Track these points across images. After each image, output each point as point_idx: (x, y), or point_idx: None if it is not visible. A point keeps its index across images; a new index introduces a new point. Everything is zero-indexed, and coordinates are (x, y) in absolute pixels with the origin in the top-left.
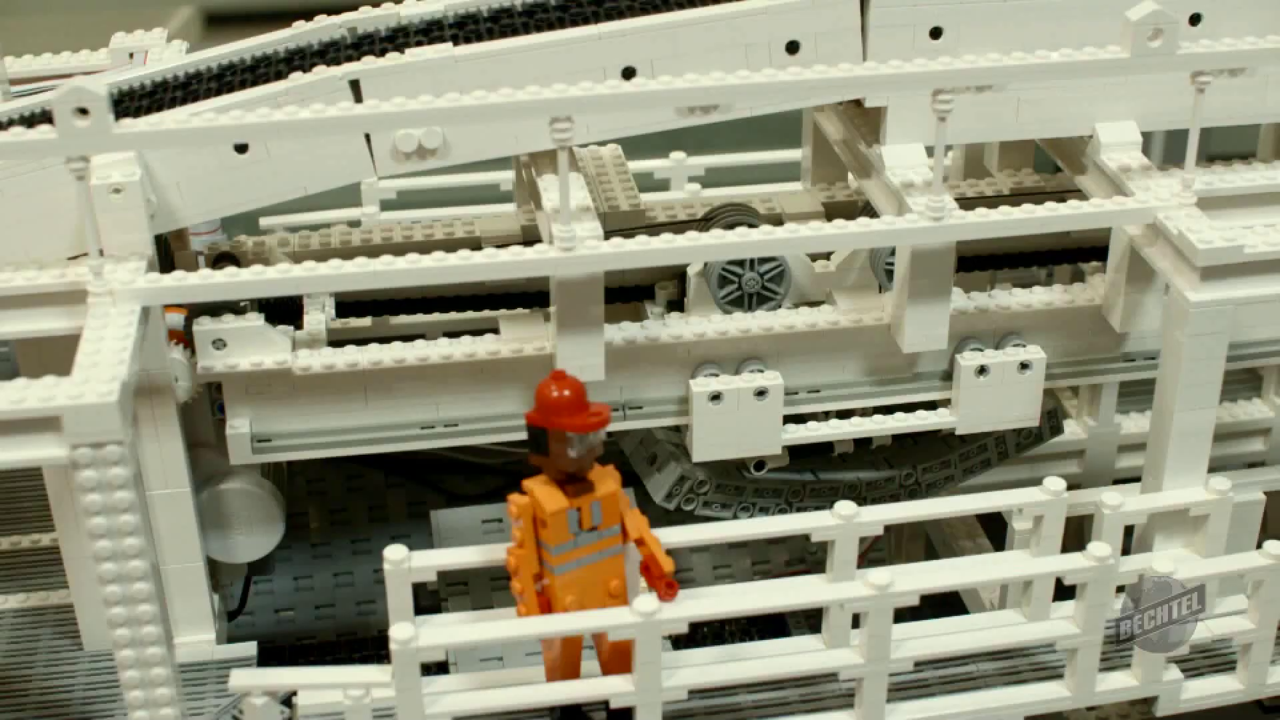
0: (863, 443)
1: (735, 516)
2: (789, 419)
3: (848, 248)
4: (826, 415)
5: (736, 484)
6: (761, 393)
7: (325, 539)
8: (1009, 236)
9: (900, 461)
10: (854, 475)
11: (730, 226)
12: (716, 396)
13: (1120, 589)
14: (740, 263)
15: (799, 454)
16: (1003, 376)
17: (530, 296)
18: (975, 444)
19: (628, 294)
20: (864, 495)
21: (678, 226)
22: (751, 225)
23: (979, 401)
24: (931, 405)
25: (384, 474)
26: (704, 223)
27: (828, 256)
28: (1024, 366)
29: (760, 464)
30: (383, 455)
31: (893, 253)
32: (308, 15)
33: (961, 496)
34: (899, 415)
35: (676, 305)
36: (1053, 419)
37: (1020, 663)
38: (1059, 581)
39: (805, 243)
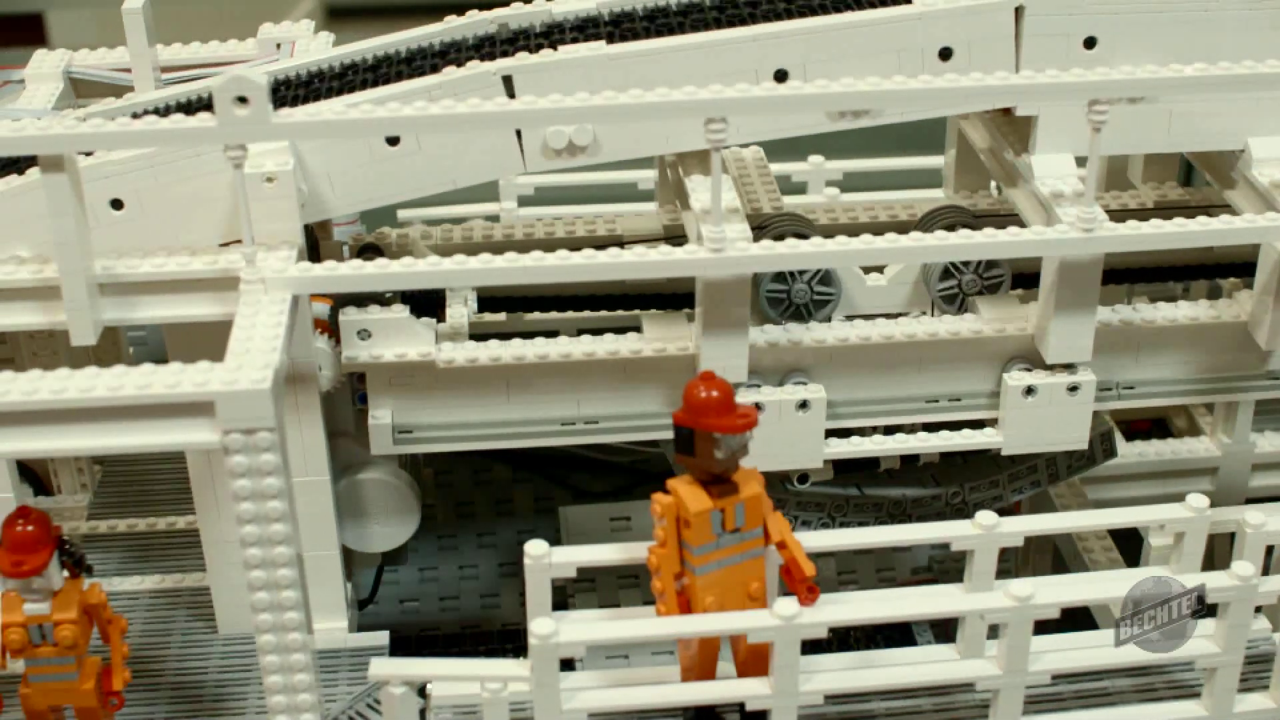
0: (910, 459)
1: None
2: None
3: (1002, 256)
4: (872, 430)
5: (779, 496)
6: (804, 405)
7: (451, 531)
8: (1150, 250)
9: (947, 480)
10: (900, 492)
11: (780, 237)
12: (758, 408)
13: (1258, 609)
14: (782, 278)
15: (843, 468)
16: (1051, 397)
17: (667, 298)
18: (1025, 464)
19: (680, 301)
20: (909, 512)
21: None
22: (803, 236)
23: (1026, 422)
24: (979, 424)
25: (511, 468)
26: (756, 232)
27: (880, 270)
28: (1073, 389)
29: (804, 477)
30: (512, 450)
31: (943, 273)
32: (439, 10)
33: (1104, 510)
34: (943, 433)
35: None
36: (1106, 441)
37: (1156, 680)
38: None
39: (969, 249)
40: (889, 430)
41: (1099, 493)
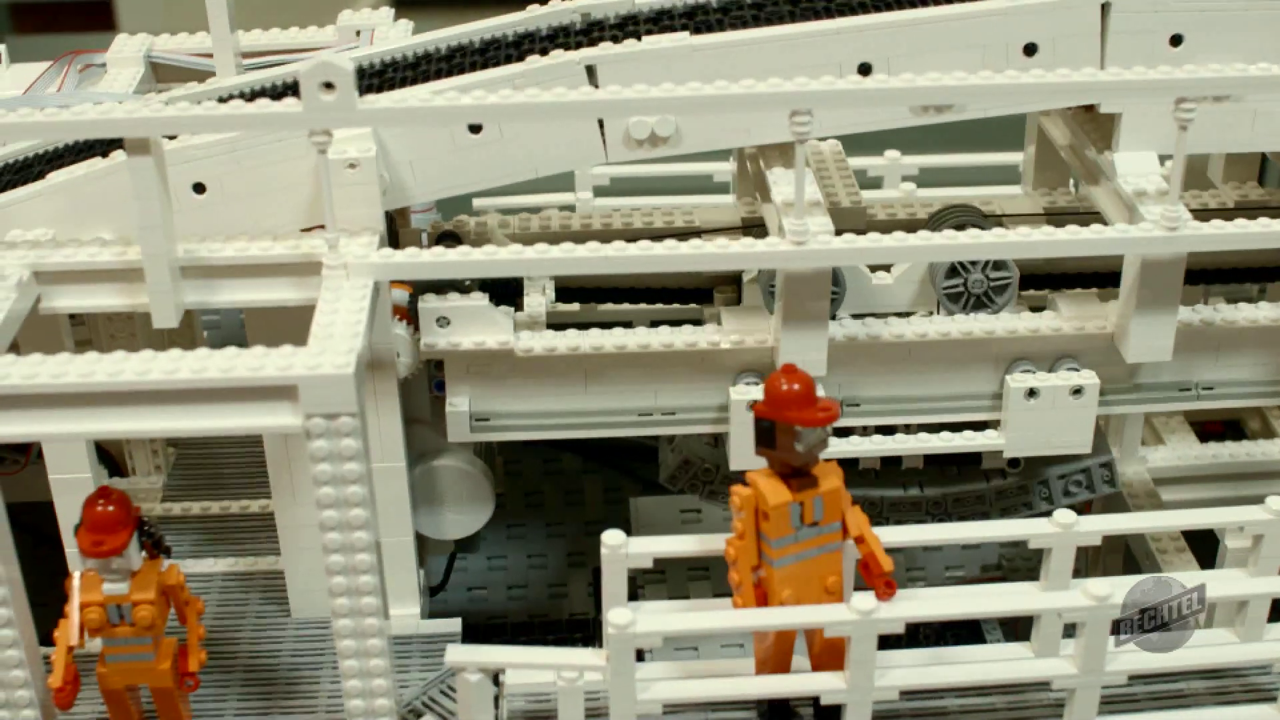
0: (892, 464)
1: None
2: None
3: (1087, 254)
4: (873, 430)
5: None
6: None
7: (520, 520)
8: (1232, 250)
9: (930, 485)
10: (879, 493)
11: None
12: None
13: None
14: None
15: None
16: (1054, 400)
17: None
18: (1015, 482)
19: (686, 296)
20: (885, 515)
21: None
22: None
23: (1028, 425)
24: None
25: (581, 459)
26: (758, 231)
27: (888, 268)
28: (1076, 391)
29: None
30: (582, 440)
31: (949, 271)
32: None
33: (1184, 510)
34: (944, 434)
35: None
36: (1107, 470)
37: (1231, 683)
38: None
39: (1048, 246)
40: (887, 430)
41: (1170, 494)
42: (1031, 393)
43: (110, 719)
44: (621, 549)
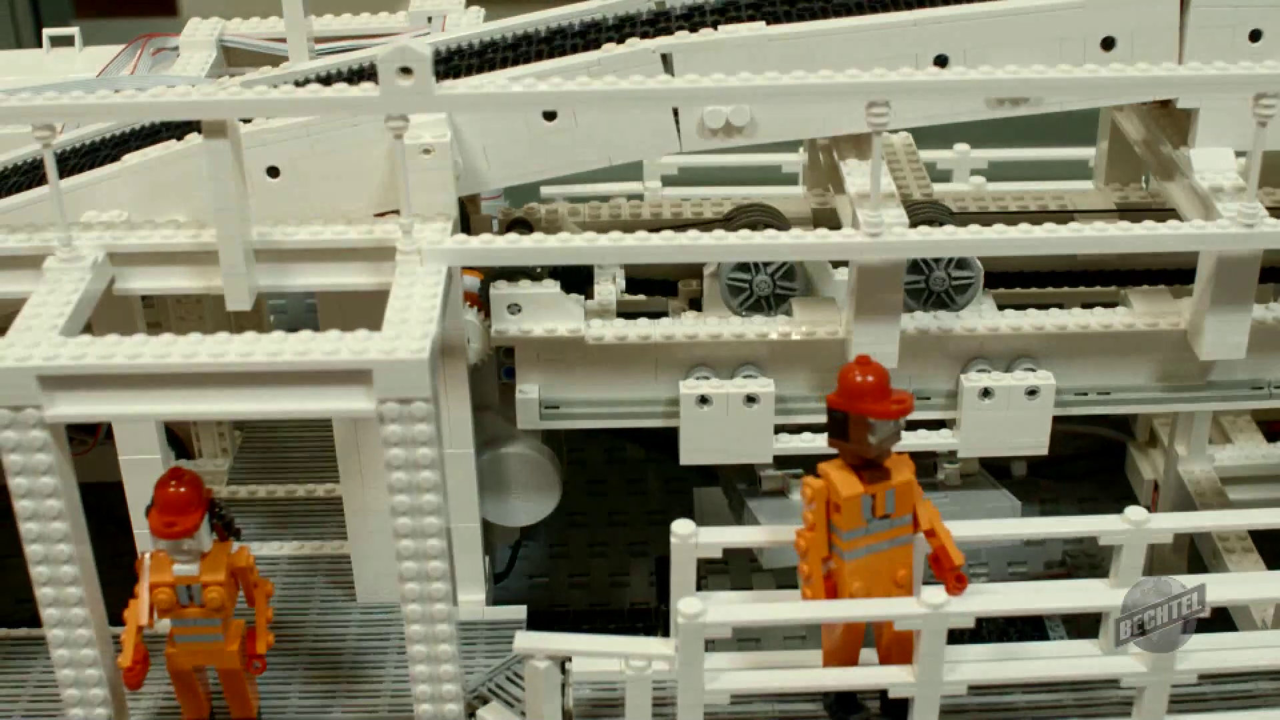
0: None
1: None
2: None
3: (1161, 250)
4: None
5: None
6: (752, 399)
7: (582, 509)
8: None
9: None
10: None
11: (751, 227)
12: (705, 400)
13: None
14: (746, 268)
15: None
16: (1009, 401)
17: None
18: None
19: (652, 288)
20: None
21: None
22: (780, 228)
23: (982, 425)
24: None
25: (644, 448)
26: (725, 223)
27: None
28: (1032, 393)
29: None
30: (646, 429)
31: (911, 268)
32: None
33: (1250, 510)
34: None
35: (696, 304)
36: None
37: None
38: None
39: (1126, 241)
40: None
41: (1238, 494)
42: (986, 393)
43: (177, 699)
44: (691, 539)
